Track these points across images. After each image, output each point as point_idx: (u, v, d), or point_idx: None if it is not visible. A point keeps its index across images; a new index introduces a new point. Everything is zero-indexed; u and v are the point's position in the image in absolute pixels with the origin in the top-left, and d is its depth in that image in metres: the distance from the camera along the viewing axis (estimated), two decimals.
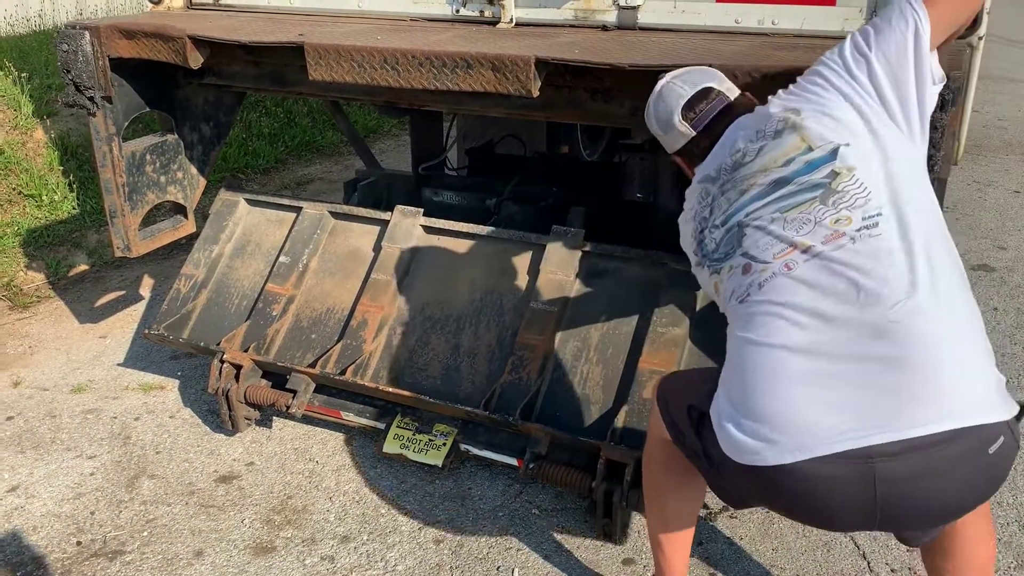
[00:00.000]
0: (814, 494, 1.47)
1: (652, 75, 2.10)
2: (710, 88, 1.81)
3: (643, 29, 2.60)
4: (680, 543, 2.04)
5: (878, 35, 1.62)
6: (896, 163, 1.56)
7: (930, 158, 1.84)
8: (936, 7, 1.61)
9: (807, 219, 1.53)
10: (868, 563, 2.37)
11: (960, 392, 1.42)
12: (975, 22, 2.27)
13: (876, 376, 1.42)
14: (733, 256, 1.63)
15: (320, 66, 2.44)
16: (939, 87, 1.65)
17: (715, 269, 1.69)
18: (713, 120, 1.78)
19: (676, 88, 1.83)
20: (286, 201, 3.23)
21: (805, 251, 1.52)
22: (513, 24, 2.74)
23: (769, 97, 1.73)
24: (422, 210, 2.97)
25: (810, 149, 1.57)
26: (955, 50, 2.10)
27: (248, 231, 3.22)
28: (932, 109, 1.64)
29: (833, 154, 1.55)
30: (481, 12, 2.80)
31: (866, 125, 1.58)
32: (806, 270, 1.51)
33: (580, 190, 3.63)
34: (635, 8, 2.59)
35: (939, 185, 2.03)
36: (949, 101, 1.80)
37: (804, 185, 1.55)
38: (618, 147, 3.87)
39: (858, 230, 1.49)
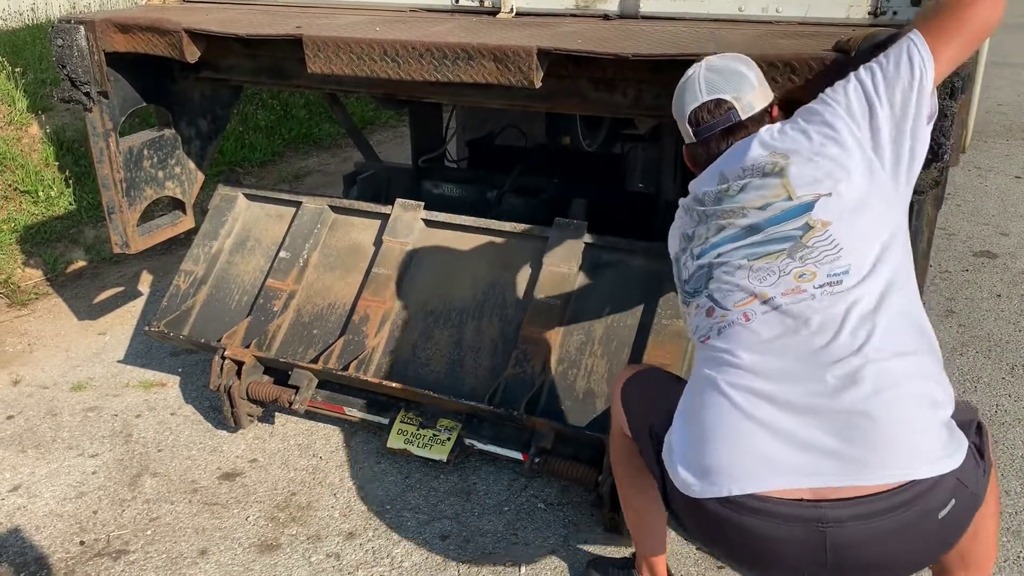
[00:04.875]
0: (766, 550, 1.49)
1: (655, 65, 2.08)
2: (722, 100, 1.73)
3: (645, 18, 2.57)
4: (652, 524, 2.07)
5: (886, 82, 1.61)
6: (876, 215, 1.57)
7: (938, 154, 1.83)
8: (941, 55, 1.61)
9: (772, 270, 1.55)
10: None
11: (905, 448, 1.44)
12: None
13: (824, 428, 1.45)
14: (700, 295, 1.66)
15: (319, 59, 2.41)
16: (932, 123, 1.65)
17: (685, 300, 1.73)
18: (712, 136, 1.75)
19: (699, 84, 1.76)
20: (285, 196, 3.20)
21: (765, 302, 1.54)
22: (513, 14, 2.71)
23: (769, 128, 1.70)
24: (423, 204, 2.95)
25: (789, 198, 1.57)
26: None
27: (247, 226, 3.19)
28: (925, 149, 1.63)
29: (810, 206, 1.55)
30: (481, 2, 2.77)
31: (854, 173, 1.57)
32: (763, 321, 1.54)
33: (582, 181, 3.60)
34: None
35: (945, 173, 2.01)
36: (959, 89, 1.78)
37: (775, 236, 1.57)
38: (619, 137, 3.85)
39: (820, 286, 1.51)
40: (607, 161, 3.86)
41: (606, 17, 2.61)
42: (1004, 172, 5.66)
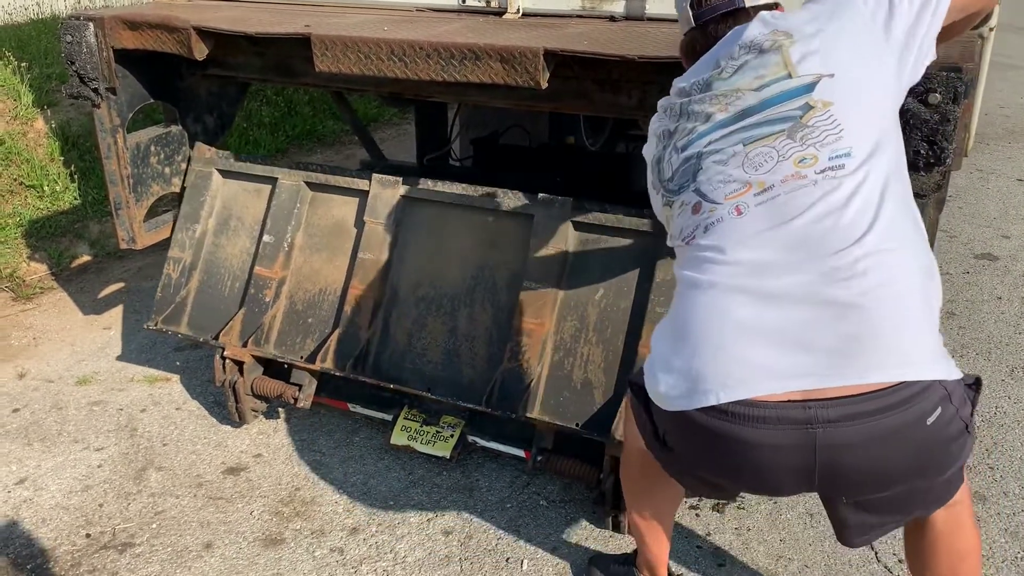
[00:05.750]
0: (757, 459, 1.44)
1: (662, 67, 2.10)
2: None
3: (651, 20, 2.58)
4: (656, 534, 2.06)
5: None
6: (875, 99, 1.49)
7: (940, 158, 1.84)
8: None
9: (769, 155, 1.44)
10: (875, 553, 2.38)
11: (899, 347, 1.39)
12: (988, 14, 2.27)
13: (816, 323, 1.39)
14: (686, 190, 1.54)
15: (327, 57, 2.42)
16: (930, 60, 1.59)
17: (667, 201, 1.61)
18: (713, 19, 1.64)
19: None
20: (260, 171, 3.05)
21: (761, 192, 1.44)
22: (520, 14, 2.72)
23: (771, 11, 1.61)
24: (401, 179, 2.85)
25: (789, 76, 1.47)
26: (967, 41, 2.09)
27: (227, 204, 3.11)
28: (922, 73, 1.57)
29: (811, 87, 1.45)
30: (487, 2, 2.78)
31: (860, 58, 1.49)
32: (755, 214, 1.44)
33: (586, 180, 3.61)
34: None
35: (947, 177, 2.03)
36: (962, 93, 1.79)
37: (773, 116, 1.46)
38: (623, 137, 3.87)
39: (821, 171, 1.42)
40: (612, 160, 3.88)
41: (612, 18, 2.63)
42: (1006, 175, 5.68)
